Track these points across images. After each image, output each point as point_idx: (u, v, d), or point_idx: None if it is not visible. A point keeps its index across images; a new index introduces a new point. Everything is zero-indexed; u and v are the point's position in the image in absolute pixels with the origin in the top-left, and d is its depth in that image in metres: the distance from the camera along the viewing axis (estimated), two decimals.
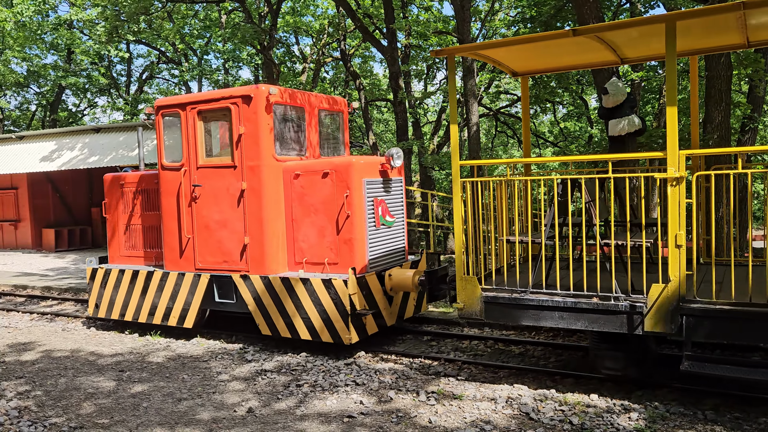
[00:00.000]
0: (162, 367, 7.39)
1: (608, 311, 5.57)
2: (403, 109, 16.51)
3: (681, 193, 5.27)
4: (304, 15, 26.95)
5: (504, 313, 6.14)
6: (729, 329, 5.18)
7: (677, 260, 5.29)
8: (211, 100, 8.25)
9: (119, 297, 9.26)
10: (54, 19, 26.85)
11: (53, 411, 6.07)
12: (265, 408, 5.93)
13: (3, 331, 9.61)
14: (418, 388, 6.26)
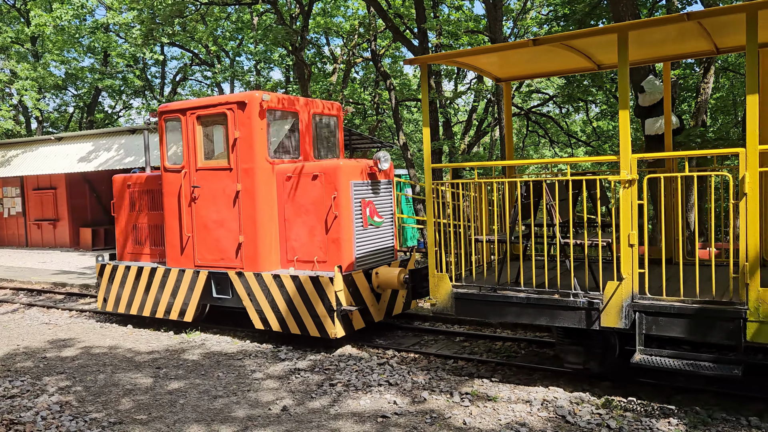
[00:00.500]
0: (197, 364, 7.49)
1: (568, 307, 5.84)
2: (434, 109, 16.45)
3: (633, 195, 5.52)
4: (334, 16, 27.07)
5: (473, 309, 6.45)
6: (678, 325, 5.40)
7: (630, 259, 5.52)
8: (209, 105, 8.70)
9: (125, 292, 9.76)
10: (91, 23, 27.47)
11: (93, 406, 6.20)
12: (300, 407, 5.96)
13: (43, 328, 9.86)
14: (451, 389, 6.22)
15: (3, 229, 23.52)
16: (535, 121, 25.52)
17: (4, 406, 6.22)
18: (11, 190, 22.95)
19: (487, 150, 26.87)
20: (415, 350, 7.76)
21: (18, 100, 27.94)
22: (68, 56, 29.30)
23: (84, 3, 24.31)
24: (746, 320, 5.08)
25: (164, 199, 9.30)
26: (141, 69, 32.91)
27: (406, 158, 22.07)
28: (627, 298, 5.56)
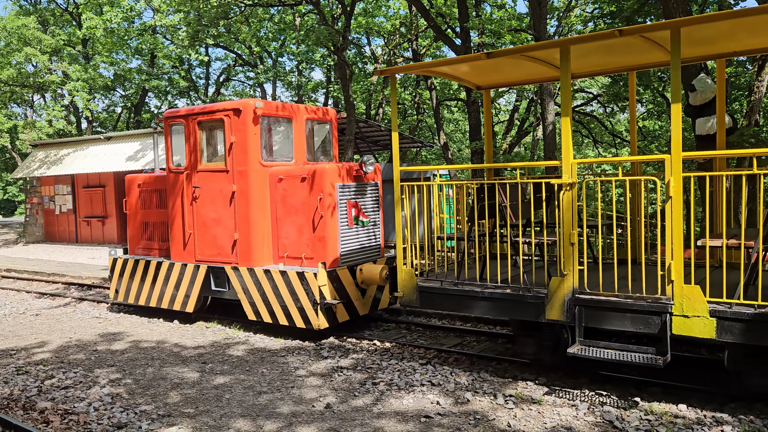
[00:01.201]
0: (242, 360, 7.60)
1: (518, 301, 6.29)
2: (476, 109, 16.34)
3: (573, 197, 5.89)
4: (376, 16, 27.15)
5: (435, 302, 6.93)
6: (613, 318, 5.76)
7: (573, 257, 5.92)
8: (209, 112, 9.31)
9: (134, 284, 10.48)
10: (139, 25, 28.19)
11: (142, 399, 6.36)
12: (343, 404, 6.00)
13: (94, 321, 10.16)
14: (495, 391, 6.17)
15: (55, 225, 24.34)
16: (578, 120, 25.10)
17: (58, 396, 6.44)
18: (63, 188, 23.73)
19: (528, 150, 26.55)
20: (456, 351, 7.71)
21: (69, 101, 28.88)
22: (117, 58, 30.14)
23: (133, 6, 24.97)
24: (672, 315, 5.44)
25: (169, 198, 9.97)
26: (186, 70, 33.59)
27: (447, 158, 21.98)
28: (568, 293, 5.95)
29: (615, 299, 5.75)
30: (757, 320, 5.09)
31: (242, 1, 17.40)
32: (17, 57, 23.87)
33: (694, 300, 5.34)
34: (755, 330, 5.11)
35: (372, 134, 21.64)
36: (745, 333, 5.16)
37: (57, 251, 20.99)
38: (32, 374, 7.27)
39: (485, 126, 7.82)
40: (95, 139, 23.24)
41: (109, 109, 36.60)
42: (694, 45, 6.65)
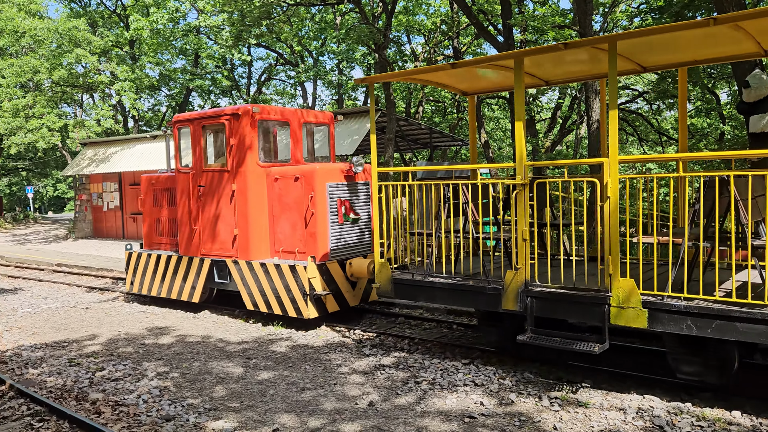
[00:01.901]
0: (285, 356, 7.68)
1: (479, 292, 6.74)
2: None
3: (525, 196, 6.32)
4: (416, 14, 27.08)
5: (407, 292, 7.42)
6: (561, 308, 6.20)
7: (525, 251, 6.34)
8: (212, 116, 9.96)
9: (147, 276, 11.20)
10: (184, 26, 28.76)
11: (189, 392, 6.48)
12: (386, 402, 6.00)
13: (141, 316, 10.41)
14: (540, 393, 6.09)
15: (102, 221, 25.05)
16: (622, 118, 24.58)
17: (109, 388, 6.61)
18: (110, 185, 24.41)
19: (571, 148, 26.11)
20: (500, 351, 7.62)
21: (117, 101, 29.67)
22: (162, 58, 30.81)
23: (178, 7, 25.47)
24: (610, 305, 5.84)
25: (177, 197, 10.67)
26: (229, 70, 34.14)
27: (487, 156, 21.79)
28: (521, 285, 6.39)
29: (561, 291, 6.19)
30: (684, 312, 5.45)
31: (285, 1, 17.56)
32: (68, 58, 24.61)
33: (628, 292, 5.73)
34: (681, 321, 5.48)
35: (412, 132, 21.61)
36: (672, 323, 5.54)
37: (105, 247, 21.59)
38: (84, 366, 7.49)
39: (470, 131, 8.01)
40: (141, 138, 23.81)
41: (154, 108, 37.48)
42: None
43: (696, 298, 5.46)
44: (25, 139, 24.64)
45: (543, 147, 21.36)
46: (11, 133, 25.08)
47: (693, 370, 5.79)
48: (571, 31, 17.85)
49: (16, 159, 43.10)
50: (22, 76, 25.18)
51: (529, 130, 18.67)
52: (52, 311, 11.06)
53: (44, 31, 24.90)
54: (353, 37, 18.41)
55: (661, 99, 18.42)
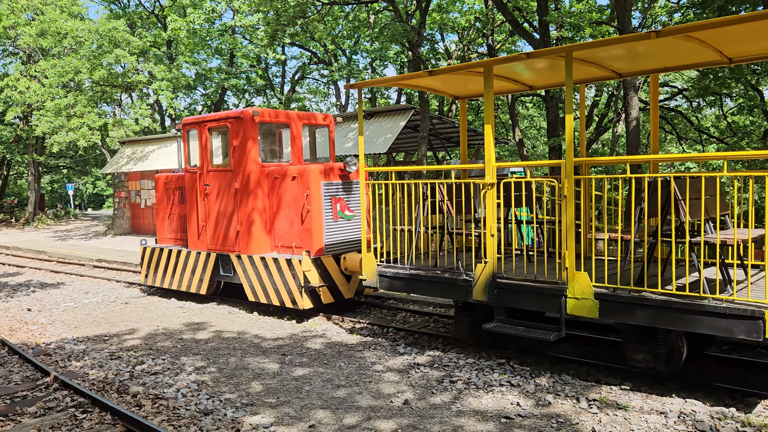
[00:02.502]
0: (320, 353, 7.72)
1: (452, 284, 7.27)
2: (554, 104, 15.94)
3: (493, 195, 6.82)
4: (450, 12, 26.95)
5: (390, 284, 7.97)
6: (524, 299, 6.68)
7: (492, 246, 6.86)
8: (217, 119, 10.56)
9: (159, 269, 11.87)
10: (219, 26, 29.14)
11: (226, 387, 6.57)
12: (421, 401, 5.98)
13: (179, 311, 10.58)
14: (578, 395, 6.00)
15: (140, 218, 25.56)
16: (661, 116, 24.05)
17: (148, 382, 6.74)
18: (148, 182, 24.88)
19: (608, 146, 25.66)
20: (538, 351, 7.54)
21: (155, 100, 30.20)
22: (198, 58, 31.27)
23: (214, 7, 25.81)
24: (566, 297, 6.28)
25: (186, 195, 11.32)
26: (263, 69, 34.46)
27: (522, 155, 21.58)
28: (489, 277, 6.89)
29: (524, 283, 6.69)
30: (630, 302, 5.90)
31: (320, 0, 17.65)
32: (108, 58, 25.13)
33: (582, 284, 6.19)
34: (628, 311, 5.92)
35: (445, 131, 21.52)
36: (620, 313, 6.00)
37: None
38: (124, 359, 7.65)
39: (461, 134, 8.14)
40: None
41: (190, 107, 38.05)
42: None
43: (643, 291, 5.89)
44: (67, 138, 25.25)
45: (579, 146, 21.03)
46: (53, 132, 25.74)
47: (643, 357, 6.23)
48: (608, 28, 17.53)
49: (58, 157, 44.26)
50: (64, 77, 25.81)
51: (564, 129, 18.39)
52: (93, 306, 11.32)
53: (85, 32, 25.48)
54: (387, 36, 18.40)
55: (702, 96, 17.96)
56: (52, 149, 27.70)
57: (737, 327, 5.29)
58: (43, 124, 25.48)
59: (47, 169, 47.54)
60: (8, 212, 38.43)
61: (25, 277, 15.27)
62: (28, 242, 24.30)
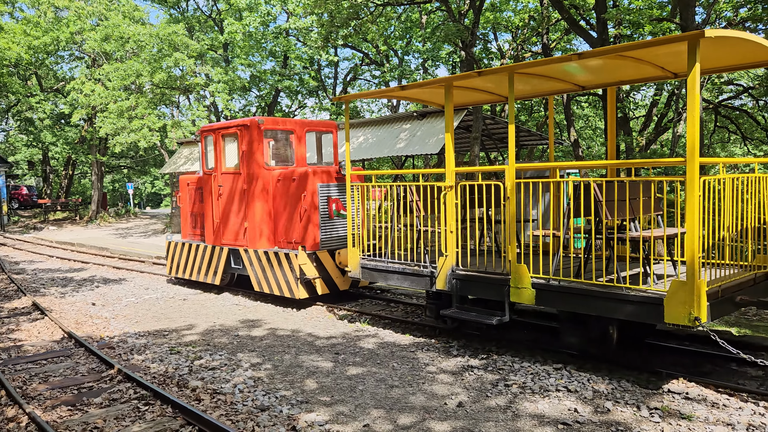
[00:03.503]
0: (373, 353, 7.75)
1: (420, 275, 8.25)
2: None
3: (452, 197, 7.67)
4: (503, 11, 26.64)
5: (369, 275, 9.02)
6: (477, 288, 7.57)
7: (452, 242, 7.72)
8: (229, 127, 11.56)
9: (181, 261, 13.11)
10: (274, 29, 29.63)
11: (281, 384, 6.66)
12: (476, 404, 5.93)
13: (234, 308, 10.81)
14: (638, 402, 5.82)
15: None
16: (725, 115, 23.15)
17: (207, 377, 6.90)
18: None
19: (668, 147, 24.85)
20: (589, 358, 7.36)
21: (211, 102, 30.96)
22: (253, 60, 31.88)
23: (269, 11, 26.25)
24: (509, 286, 7.07)
25: (203, 195, 12.48)
26: (316, 70, 34.84)
27: (577, 155, 21.13)
28: (449, 269, 7.76)
29: (476, 273, 7.54)
30: (560, 291, 6.67)
31: (373, 1, 17.73)
32: (167, 62, 25.91)
33: (522, 275, 6.94)
34: (558, 299, 6.68)
35: (498, 131, 21.28)
36: (552, 301, 6.76)
37: None
38: (183, 354, 7.86)
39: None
40: None
41: (245, 108, 38.83)
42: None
43: (572, 281, 6.63)
44: (128, 139, 26.16)
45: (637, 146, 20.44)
46: (116, 133, 26.71)
47: (577, 342, 6.97)
48: (669, 25, 16.97)
49: (119, 157, 45.96)
50: (126, 80, 26.75)
51: (623, 128, 17.90)
52: (152, 301, 11.68)
53: (146, 36, 26.35)
54: (440, 36, 18.33)
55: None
56: (114, 150, 28.75)
57: (644, 312, 6.02)
58: (107, 125, 26.47)
59: (109, 169, 49.37)
60: (73, 210, 40.13)
61: (89, 273, 15.90)
62: (92, 239, 25.28)
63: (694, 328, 5.68)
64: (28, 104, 38.66)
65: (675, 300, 5.72)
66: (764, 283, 6.99)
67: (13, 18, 35.74)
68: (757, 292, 6.72)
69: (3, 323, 9.91)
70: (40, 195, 49.30)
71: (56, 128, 40.28)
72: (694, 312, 5.62)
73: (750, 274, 6.79)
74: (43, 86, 41.33)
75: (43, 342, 8.69)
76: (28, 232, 31.40)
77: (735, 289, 6.42)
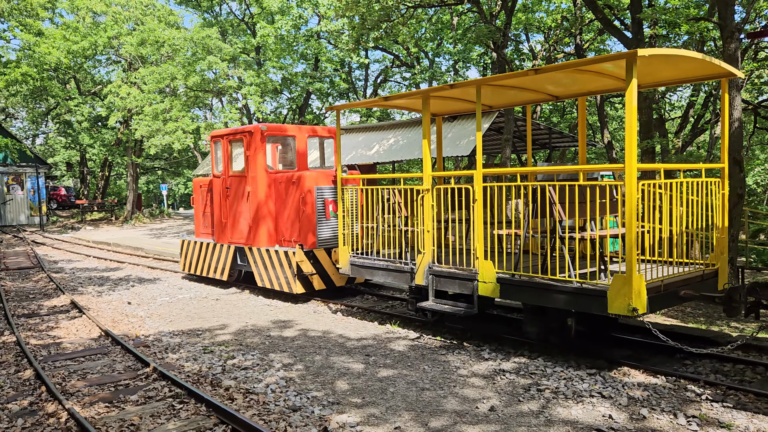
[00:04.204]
0: (403, 355, 7.74)
1: (401, 271, 8.94)
2: (648, 105, 15.27)
3: (428, 199, 8.41)
4: (536, 11, 26.40)
5: (358, 271, 9.73)
6: (450, 283, 8.24)
7: (429, 240, 8.45)
8: (235, 133, 12.38)
9: (193, 258, 13.98)
10: (305, 32, 29.85)
11: (313, 385, 6.70)
12: (507, 408, 5.88)
13: (266, 309, 10.91)
14: (675, 410, 5.70)
15: None
16: (765, 116, 22.55)
17: (239, 376, 6.98)
18: None
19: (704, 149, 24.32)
20: (627, 362, 7.23)
21: (243, 104, 31.34)
22: (284, 63, 32.18)
23: (301, 14, 26.46)
24: (477, 281, 7.75)
25: (213, 196, 13.31)
26: (346, 72, 35.00)
27: (611, 158, 20.81)
28: (426, 265, 8.47)
29: (449, 270, 8.24)
30: (521, 285, 7.31)
31: (405, 3, 17.73)
32: (201, 65, 26.33)
33: (487, 271, 7.62)
34: (520, 292, 7.36)
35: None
36: (514, 294, 7.43)
37: None
38: (216, 354, 7.96)
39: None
40: None
41: (276, 110, 39.21)
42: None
43: (532, 276, 7.29)
44: (163, 141, 26.63)
45: (673, 147, 20.05)
46: (151, 135, 27.22)
47: (536, 331, 7.55)
48: (707, 24, 16.61)
49: (153, 159, 46.78)
50: (161, 83, 27.25)
51: (658, 130, 17.57)
52: (186, 301, 11.87)
53: (181, 40, 26.80)
54: (471, 38, 18.24)
55: None
56: (149, 151, 29.28)
57: (592, 304, 6.59)
58: (142, 127, 26.99)
59: (144, 170, 50.31)
60: (109, 210, 41.01)
61: (125, 272, 16.23)
62: (127, 239, 25.80)
63: (633, 318, 6.29)
64: (67, 107, 39.66)
65: (616, 293, 6.34)
66: (712, 279, 7.63)
67: (53, 23, 36.71)
68: (703, 288, 7.30)
69: (43, 321, 10.18)
70: (78, 196, 50.53)
71: (93, 131, 41.22)
72: (633, 303, 6.21)
73: (698, 271, 7.46)
74: (81, 90, 42.36)
75: (81, 339, 8.89)
76: (66, 231, 32.19)
77: (681, 284, 7.01)
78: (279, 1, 26.53)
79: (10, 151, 31.18)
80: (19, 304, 11.65)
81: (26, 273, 16.28)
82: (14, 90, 35.51)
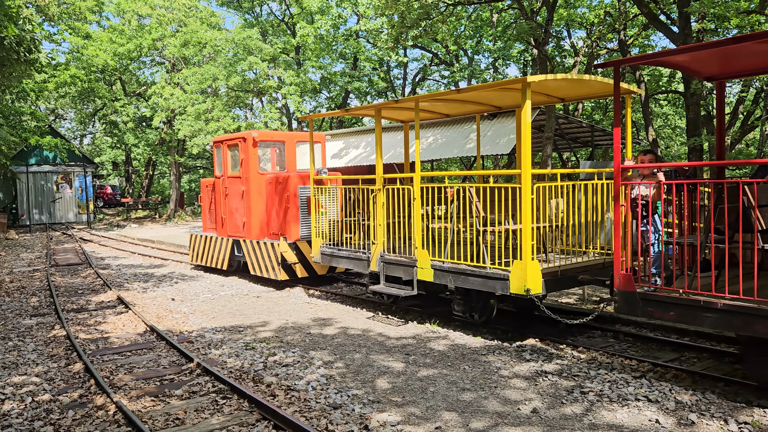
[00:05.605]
0: (443, 355, 7.70)
1: (360, 259, 10.33)
2: (695, 102, 14.84)
3: (381, 198, 9.70)
4: (578, 7, 25.93)
5: (327, 260, 11.19)
6: (396, 269, 9.50)
7: (381, 233, 9.76)
8: (232, 139, 14.02)
9: (199, 250, 15.71)
10: (344, 31, 29.98)
11: (353, 383, 6.72)
12: (550, 410, 5.79)
13: (306, 306, 11.00)
14: (725, 416, 5.53)
15: None
16: None
17: (281, 373, 7.05)
18: None
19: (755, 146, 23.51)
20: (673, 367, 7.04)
21: (283, 104, 31.67)
22: (323, 62, 32.39)
23: (340, 13, 26.59)
24: (416, 267, 9.06)
25: (215, 195, 15.03)
26: (385, 71, 35.01)
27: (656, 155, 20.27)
28: (379, 255, 9.81)
29: (395, 258, 9.58)
30: (447, 270, 8.61)
31: (444, 1, 17.64)
32: (242, 65, 26.70)
33: (424, 258, 8.94)
34: (446, 276, 8.63)
35: (572, 131, 20.74)
36: (444, 278, 8.69)
37: None
38: (258, 350, 8.06)
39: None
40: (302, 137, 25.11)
41: (315, 110, 39.49)
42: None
43: (455, 262, 8.56)
44: (205, 140, 27.10)
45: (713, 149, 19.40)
46: (193, 135, 27.75)
47: (461, 310, 8.90)
48: (758, 17, 16.04)
49: (196, 158, 47.68)
50: (203, 83, 27.75)
51: (706, 127, 17.04)
52: (228, 298, 12.05)
53: (222, 41, 27.24)
54: (512, 35, 18.03)
55: None
56: (191, 151, 29.86)
57: (497, 285, 7.87)
58: (185, 127, 27.53)
59: (186, 169, 51.31)
60: (153, 208, 41.98)
61: (168, 269, 16.57)
62: (170, 237, 26.35)
63: (527, 296, 7.54)
64: (113, 108, 40.76)
65: (515, 276, 7.61)
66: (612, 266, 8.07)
67: (100, 26, 37.74)
68: (600, 273, 8.44)
69: (91, 315, 10.47)
70: (123, 194, 51.90)
71: (138, 130, 42.26)
72: (527, 285, 7.45)
73: (600, 259, 8.69)
74: (126, 91, 43.47)
75: (127, 334, 9.12)
76: (112, 229, 33.08)
77: (580, 270, 8.28)
78: (318, 0, 26.69)
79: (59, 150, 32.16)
80: (68, 299, 12.02)
81: (75, 269, 16.79)
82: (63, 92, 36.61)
